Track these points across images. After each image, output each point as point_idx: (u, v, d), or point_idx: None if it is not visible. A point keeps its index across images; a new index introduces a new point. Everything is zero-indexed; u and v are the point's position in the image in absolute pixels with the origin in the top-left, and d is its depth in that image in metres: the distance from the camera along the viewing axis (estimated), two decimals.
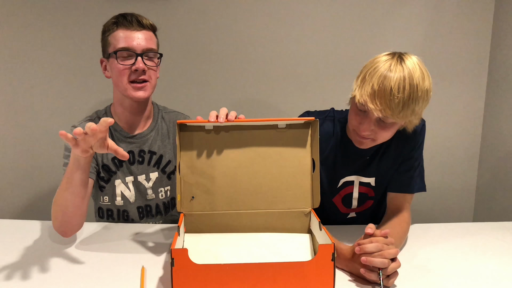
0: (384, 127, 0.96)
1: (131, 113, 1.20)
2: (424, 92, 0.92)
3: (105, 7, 1.67)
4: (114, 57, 1.10)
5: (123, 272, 0.88)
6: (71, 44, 1.71)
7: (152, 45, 1.13)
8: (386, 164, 1.11)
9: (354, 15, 1.72)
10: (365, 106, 0.93)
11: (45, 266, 0.91)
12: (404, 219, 1.06)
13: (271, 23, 1.72)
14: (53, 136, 1.77)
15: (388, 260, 0.79)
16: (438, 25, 1.74)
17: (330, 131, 1.12)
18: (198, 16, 1.70)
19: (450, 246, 1.03)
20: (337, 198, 1.18)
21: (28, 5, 1.67)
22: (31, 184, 1.82)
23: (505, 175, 1.71)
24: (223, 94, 1.78)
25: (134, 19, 1.10)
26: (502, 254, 0.99)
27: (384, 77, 0.90)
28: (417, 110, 0.93)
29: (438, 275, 0.88)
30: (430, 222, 1.20)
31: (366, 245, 0.81)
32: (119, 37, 1.09)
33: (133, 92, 1.11)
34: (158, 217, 1.29)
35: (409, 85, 0.89)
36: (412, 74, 0.90)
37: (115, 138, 1.21)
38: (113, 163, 1.22)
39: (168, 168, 1.27)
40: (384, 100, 0.89)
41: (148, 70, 1.12)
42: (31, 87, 1.75)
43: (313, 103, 1.78)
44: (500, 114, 1.72)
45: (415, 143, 1.09)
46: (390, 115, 0.90)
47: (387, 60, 0.93)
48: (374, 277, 0.80)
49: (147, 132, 1.24)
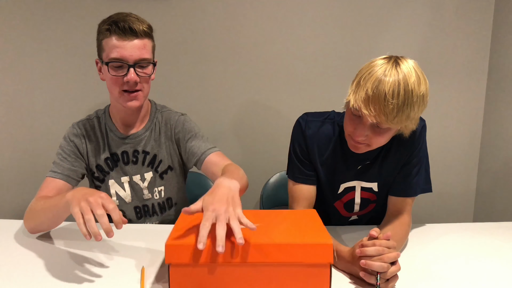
0: (379, 133, 0.94)
1: (127, 113, 1.20)
2: (420, 97, 0.89)
3: (105, 7, 1.67)
4: (107, 67, 1.09)
5: (123, 272, 0.88)
6: (72, 44, 1.71)
7: (145, 55, 1.10)
8: (388, 169, 1.10)
9: (354, 15, 1.72)
10: (359, 112, 0.91)
11: (45, 266, 0.91)
12: (405, 222, 1.06)
13: (271, 23, 1.72)
14: (53, 136, 1.77)
15: (387, 264, 0.79)
16: (438, 25, 1.74)
17: (330, 133, 1.11)
18: (197, 16, 1.70)
19: (450, 246, 1.03)
20: (338, 203, 1.17)
21: (28, 5, 1.67)
22: (31, 184, 1.82)
23: (505, 175, 1.71)
24: (222, 94, 1.78)
25: (127, 27, 1.06)
26: (502, 254, 0.99)
27: (378, 82, 0.88)
28: (413, 115, 0.91)
29: (438, 275, 0.88)
30: (430, 222, 1.20)
31: (367, 249, 0.81)
32: (112, 45, 1.07)
33: (125, 102, 1.12)
34: (155, 217, 1.29)
35: (404, 90, 0.87)
36: (407, 79, 0.87)
37: (110, 139, 1.22)
38: (105, 164, 1.23)
39: (160, 168, 1.26)
40: (378, 106, 0.87)
41: (141, 79, 1.10)
42: (31, 87, 1.75)
43: (313, 103, 1.79)
44: (500, 114, 1.72)
45: (414, 147, 1.07)
46: (384, 121, 0.89)
47: (383, 65, 0.90)
48: (373, 281, 0.80)
49: (142, 132, 1.24)
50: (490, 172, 1.80)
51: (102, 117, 1.24)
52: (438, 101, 1.81)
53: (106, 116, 1.24)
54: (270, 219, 0.88)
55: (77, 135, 1.21)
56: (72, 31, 1.70)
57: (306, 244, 0.75)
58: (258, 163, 1.85)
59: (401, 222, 1.05)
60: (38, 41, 1.70)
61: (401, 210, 1.08)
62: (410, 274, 0.88)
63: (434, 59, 1.77)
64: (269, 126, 1.81)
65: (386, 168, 1.09)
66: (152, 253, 0.97)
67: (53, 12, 1.68)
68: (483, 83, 1.80)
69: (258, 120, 1.80)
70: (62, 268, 0.90)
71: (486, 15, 1.74)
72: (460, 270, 0.91)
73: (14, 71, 1.73)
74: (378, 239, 0.83)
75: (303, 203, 1.11)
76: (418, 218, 1.85)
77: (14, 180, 1.82)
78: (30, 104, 1.76)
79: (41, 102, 1.76)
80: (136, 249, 1.00)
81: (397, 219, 1.05)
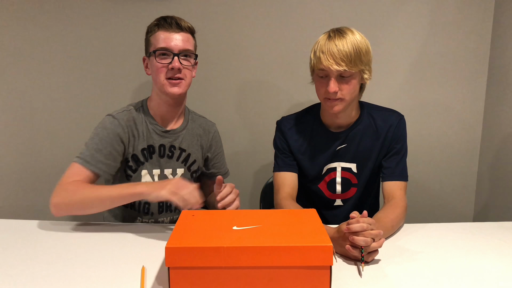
0: (346, 82, 1.13)
1: (167, 107, 1.26)
2: (364, 42, 1.13)
3: (106, 7, 1.67)
4: (154, 56, 1.19)
5: (123, 272, 0.88)
6: (72, 43, 1.71)
7: (188, 46, 1.21)
8: (364, 152, 1.27)
9: (354, 15, 1.72)
10: (324, 68, 1.11)
11: (45, 266, 0.91)
12: (397, 205, 1.16)
13: (271, 23, 1.72)
14: (54, 136, 1.77)
15: (370, 239, 0.90)
16: (438, 25, 1.74)
17: (306, 124, 1.30)
18: (198, 16, 1.70)
19: (450, 246, 1.03)
20: (322, 184, 1.32)
21: (29, 4, 1.67)
22: (32, 184, 1.82)
23: (505, 175, 1.71)
24: (222, 94, 1.78)
25: (173, 22, 1.19)
26: (502, 254, 0.99)
27: (328, 41, 1.11)
28: (364, 59, 1.12)
29: (438, 275, 0.88)
30: (430, 222, 1.20)
31: (353, 225, 0.91)
32: (159, 38, 1.18)
33: (169, 88, 1.19)
34: (176, 212, 1.34)
35: (349, 38, 1.11)
36: (349, 32, 1.13)
37: (150, 131, 1.27)
38: (142, 154, 1.27)
39: (193, 167, 1.35)
40: (335, 55, 1.09)
41: (184, 69, 1.20)
42: (32, 87, 1.74)
43: (314, 103, 1.78)
44: (500, 114, 1.72)
45: (395, 136, 1.25)
46: (345, 65, 1.08)
47: (325, 34, 1.16)
48: (356, 253, 0.90)
49: (180, 130, 1.31)
50: (490, 172, 1.80)
51: (140, 110, 1.28)
52: (438, 101, 1.81)
53: (144, 109, 1.28)
54: (270, 220, 0.89)
55: (120, 125, 1.22)
56: (73, 31, 1.70)
57: (306, 247, 0.75)
58: (258, 163, 1.85)
59: (393, 205, 1.16)
60: (38, 41, 1.70)
61: (393, 194, 1.20)
62: (410, 274, 0.88)
63: (434, 59, 1.77)
64: (269, 126, 1.81)
65: (361, 151, 1.27)
66: (152, 253, 0.97)
67: (54, 12, 1.68)
68: (483, 83, 1.80)
69: (258, 120, 1.80)
70: (62, 268, 0.90)
71: (486, 15, 1.74)
72: (460, 270, 0.91)
73: (15, 71, 1.73)
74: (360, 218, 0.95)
75: (286, 189, 1.25)
76: (418, 218, 1.86)
77: (15, 180, 1.82)
78: (31, 104, 1.76)
79: (42, 102, 1.76)
80: (136, 249, 1.00)
81: (389, 203, 1.17)
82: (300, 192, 1.32)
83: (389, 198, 1.20)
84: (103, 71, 1.74)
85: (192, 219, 0.89)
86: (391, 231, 1.09)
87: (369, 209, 1.16)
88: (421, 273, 0.89)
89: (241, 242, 0.76)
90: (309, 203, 1.37)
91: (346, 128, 1.27)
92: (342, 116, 1.23)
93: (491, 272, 0.90)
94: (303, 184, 1.33)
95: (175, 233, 0.81)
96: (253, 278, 0.76)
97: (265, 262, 0.75)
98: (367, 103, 1.31)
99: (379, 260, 0.95)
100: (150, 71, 1.25)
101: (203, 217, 0.91)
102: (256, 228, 0.83)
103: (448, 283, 0.85)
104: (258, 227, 0.83)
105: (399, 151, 1.26)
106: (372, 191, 1.36)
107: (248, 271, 0.76)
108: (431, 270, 0.90)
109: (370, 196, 1.36)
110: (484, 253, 1.00)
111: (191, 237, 0.79)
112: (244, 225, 0.85)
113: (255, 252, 0.75)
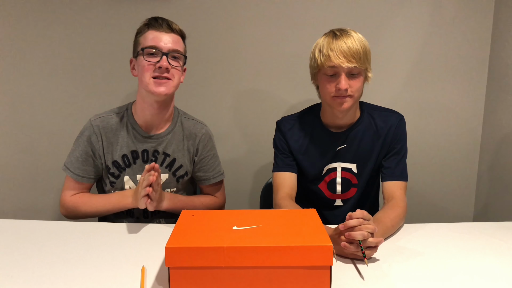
0: (354, 78, 1.14)
1: (151, 112, 1.23)
2: (366, 43, 1.15)
3: (105, 7, 1.67)
4: (142, 54, 1.16)
5: (123, 272, 0.88)
6: (72, 43, 1.71)
7: (178, 47, 1.18)
8: (364, 152, 1.27)
9: (354, 15, 1.72)
10: (333, 66, 1.11)
11: (45, 266, 0.91)
12: (397, 205, 1.16)
13: (271, 22, 1.72)
14: (54, 136, 1.77)
15: (367, 233, 0.90)
16: (438, 25, 1.74)
17: (307, 125, 1.30)
18: (197, 16, 1.70)
19: (450, 246, 1.03)
20: (322, 184, 1.32)
21: (29, 4, 1.68)
22: (32, 184, 1.82)
23: (505, 175, 1.71)
24: (222, 94, 1.78)
25: (164, 23, 1.17)
26: (502, 254, 0.99)
27: (335, 40, 1.12)
28: (368, 58, 1.15)
29: (438, 275, 0.88)
30: (430, 222, 1.20)
31: (349, 221, 0.93)
32: (148, 37, 1.16)
33: (155, 87, 1.15)
34: (162, 219, 1.31)
35: (357, 38, 1.13)
36: (353, 32, 1.14)
37: (132, 136, 1.24)
38: (122, 160, 1.25)
39: (179, 172, 1.30)
40: (347, 53, 1.10)
41: (172, 69, 1.17)
42: (32, 87, 1.75)
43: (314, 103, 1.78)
44: (500, 113, 1.72)
45: (395, 136, 1.25)
46: (355, 62, 1.10)
47: (327, 34, 1.17)
48: (353, 249, 0.91)
49: (164, 134, 1.27)
50: (490, 172, 1.80)
51: (125, 114, 1.26)
52: (438, 101, 1.81)
53: (128, 113, 1.26)
54: (270, 220, 0.89)
55: (93, 132, 1.23)
56: (74, 31, 1.70)
57: (306, 247, 0.75)
58: (258, 163, 1.85)
59: (393, 205, 1.16)
60: (38, 41, 1.70)
61: (393, 194, 1.20)
62: (410, 274, 0.88)
63: (434, 59, 1.77)
64: (270, 126, 1.81)
65: (362, 151, 1.27)
66: (152, 253, 0.97)
67: (54, 11, 1.68)
68: (483, 83, 1.80)
69: (258, 121, 1.80)
70: (62, 268, 0.90)
71: (486, 15, 1.74)
72: (460, 270, 0.91)
73: (15, 71, 1.73)
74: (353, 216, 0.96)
75: (285, 189, 1.25)
76: (418, 218, 1.86)
77: (15, 180, 1.82)
78: (31, 104, 1.76)
79: (42, 101, 1.76)
80: (136, 249, 1.00)
81: (389, 203, 1.18)
82: (300, 192, 1.32)
83: (389, 198, 1.20)
84: (103, 72, 1.74)
85: (192, 219, 0.89)
86: (391, 231, 1.09)
87: (369, 209, 1.16)
88: (421, 273, 0.89)
89: (241, 242, 0.76)
90: (309, 203, 1.37)
91: (346, 128, 1.27)
92: (345, 115, 1.23)
93: (491, 272, 0.90)
94: (303, 184, 1.33)
95: (175, 233, 0.81)
96: (253, 278, 0.76)
97: (265, 262, 0.75)
98: (367, 104, 1.31)
99: (379, 260, 0.95)
100: (136, 71, 1.21)
101: (203, 217, 0.91)
102: (256, 228, 0.83)
103: (448, 283, 0.85)
104: (258, 227, 0.83)
105: (399, 151, 1.26)
106: (372, 191, 1.37)
107: (248, 271, 0.76)
108: (431, 270, 0.90)
109: (370, 196, 1.37)
110: (484, 253, 1.00)
111: (191, 237, 0.79)
112: (244, 225, 0.85)
113: (255, 252, 0.75)
